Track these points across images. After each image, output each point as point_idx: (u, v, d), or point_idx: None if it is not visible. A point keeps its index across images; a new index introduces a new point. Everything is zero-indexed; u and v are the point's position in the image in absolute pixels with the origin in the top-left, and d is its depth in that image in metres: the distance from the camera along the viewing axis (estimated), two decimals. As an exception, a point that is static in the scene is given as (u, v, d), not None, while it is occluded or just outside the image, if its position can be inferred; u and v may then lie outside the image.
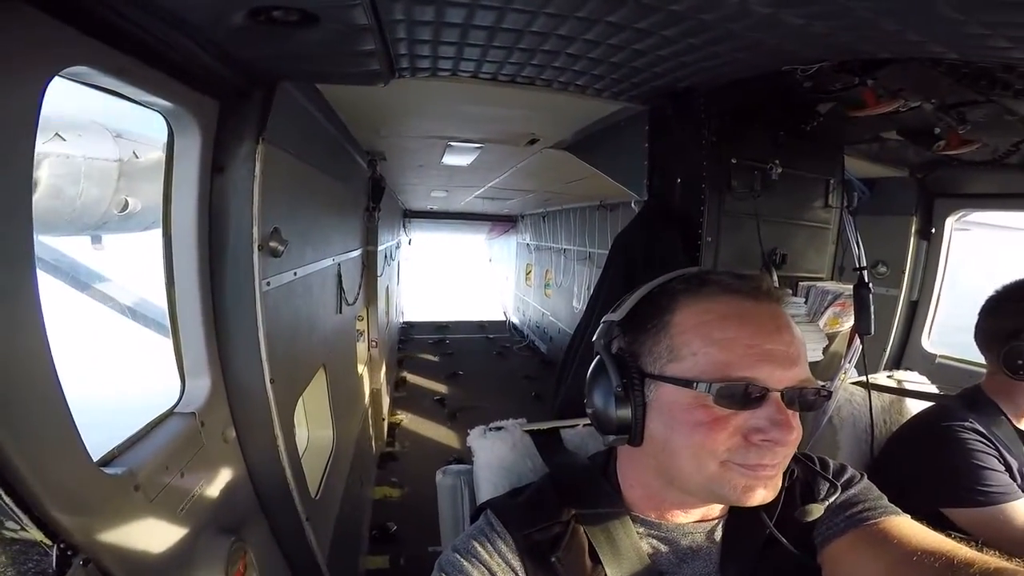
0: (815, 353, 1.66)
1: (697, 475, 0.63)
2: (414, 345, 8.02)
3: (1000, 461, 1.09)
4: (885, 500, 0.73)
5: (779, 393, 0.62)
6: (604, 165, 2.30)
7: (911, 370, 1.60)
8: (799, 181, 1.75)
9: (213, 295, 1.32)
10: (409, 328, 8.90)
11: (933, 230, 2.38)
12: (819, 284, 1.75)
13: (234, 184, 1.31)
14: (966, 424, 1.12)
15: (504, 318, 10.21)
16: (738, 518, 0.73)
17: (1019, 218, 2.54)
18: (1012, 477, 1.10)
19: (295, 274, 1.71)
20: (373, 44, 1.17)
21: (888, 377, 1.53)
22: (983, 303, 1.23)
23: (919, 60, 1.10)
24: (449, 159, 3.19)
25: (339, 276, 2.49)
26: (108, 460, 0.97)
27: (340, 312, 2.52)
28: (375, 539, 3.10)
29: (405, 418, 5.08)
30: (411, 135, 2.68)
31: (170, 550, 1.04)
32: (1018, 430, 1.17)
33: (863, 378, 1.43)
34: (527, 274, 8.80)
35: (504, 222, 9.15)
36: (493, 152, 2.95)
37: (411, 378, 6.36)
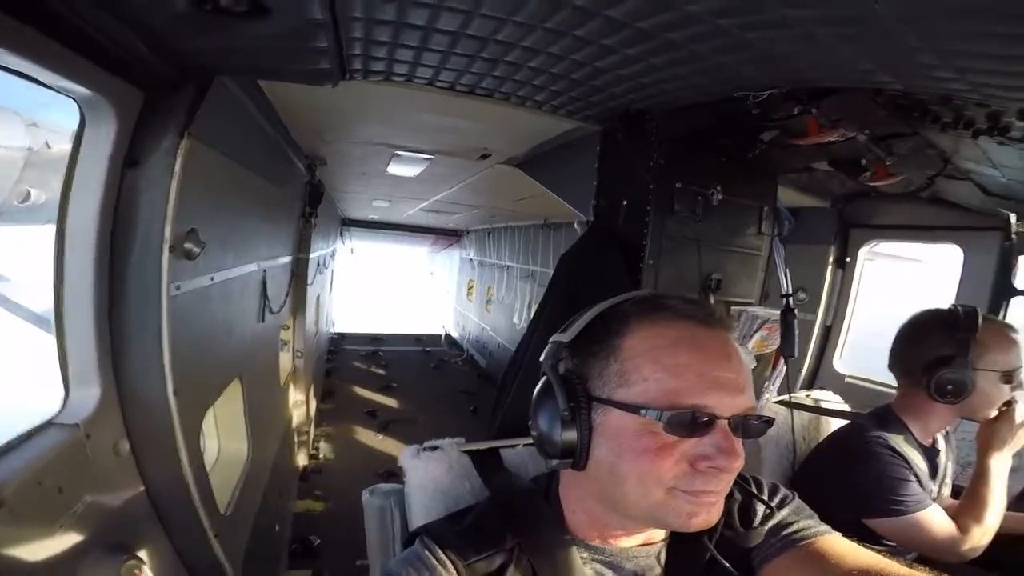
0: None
1: (642, 501, 0.63)
2: (345, 356, 7.67)
3: (910, 472, 1.19)
4: (816, 518, 0.76)
5: (727, 420, 0.62)
6: (553, 184, 2.33)
7: (825, 389, 1.72)
8: (736, 208, 1.86)
9: (111, 296, 1.20)
10: (340, 339, 8.52)
11: (848, 259, 2.60)
12: (750, 309, 1.86)
13: (148, 179, 1.20)
14: (879, 440, 1.21)
15: (443, 331, 10.06)
16: (680, 541, 0.73)
17: (918, 249, 2.81)
18: (921, 487, 1.19)
19: (212, 279, 1.59)
20: (326, 42, 1.10)
21: (806, 396, 1.63)
22: (899, 331, 1.32)
23: (861, 90, 1.18)
24: (395, 169, 3.11)
25: (264, 283, 2.36)
26: None
27: (263, 320, 2.39)
28: (296, 554, 2.97)
29: (332, 430, 4.84)
30: (356, 141, 2.58)
31: (44, 570, 0.96)
32: (922, 446, 1.28)
33: (785, 397, 1.51)
34: (469, 289, 8.73)
35: (448, 236, 9.05)
36: (443, 164, 2.90)
37: (341, 390, 6.07)
